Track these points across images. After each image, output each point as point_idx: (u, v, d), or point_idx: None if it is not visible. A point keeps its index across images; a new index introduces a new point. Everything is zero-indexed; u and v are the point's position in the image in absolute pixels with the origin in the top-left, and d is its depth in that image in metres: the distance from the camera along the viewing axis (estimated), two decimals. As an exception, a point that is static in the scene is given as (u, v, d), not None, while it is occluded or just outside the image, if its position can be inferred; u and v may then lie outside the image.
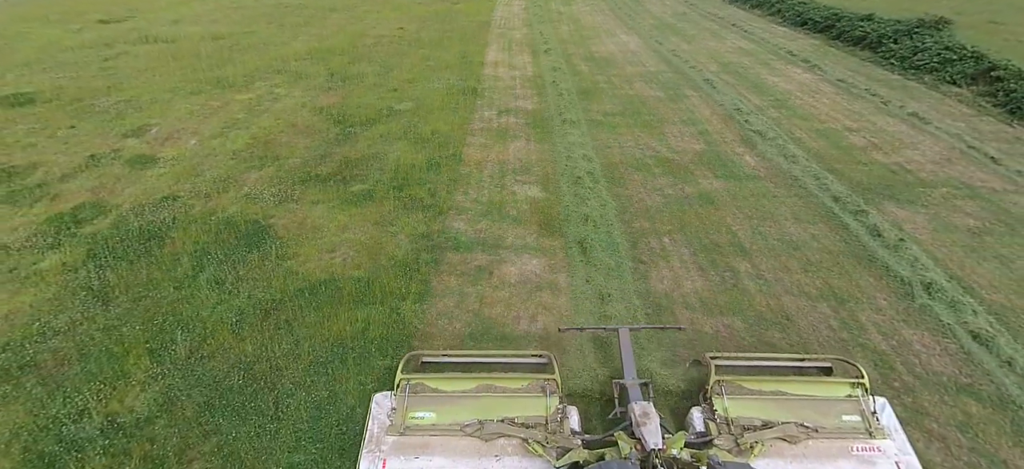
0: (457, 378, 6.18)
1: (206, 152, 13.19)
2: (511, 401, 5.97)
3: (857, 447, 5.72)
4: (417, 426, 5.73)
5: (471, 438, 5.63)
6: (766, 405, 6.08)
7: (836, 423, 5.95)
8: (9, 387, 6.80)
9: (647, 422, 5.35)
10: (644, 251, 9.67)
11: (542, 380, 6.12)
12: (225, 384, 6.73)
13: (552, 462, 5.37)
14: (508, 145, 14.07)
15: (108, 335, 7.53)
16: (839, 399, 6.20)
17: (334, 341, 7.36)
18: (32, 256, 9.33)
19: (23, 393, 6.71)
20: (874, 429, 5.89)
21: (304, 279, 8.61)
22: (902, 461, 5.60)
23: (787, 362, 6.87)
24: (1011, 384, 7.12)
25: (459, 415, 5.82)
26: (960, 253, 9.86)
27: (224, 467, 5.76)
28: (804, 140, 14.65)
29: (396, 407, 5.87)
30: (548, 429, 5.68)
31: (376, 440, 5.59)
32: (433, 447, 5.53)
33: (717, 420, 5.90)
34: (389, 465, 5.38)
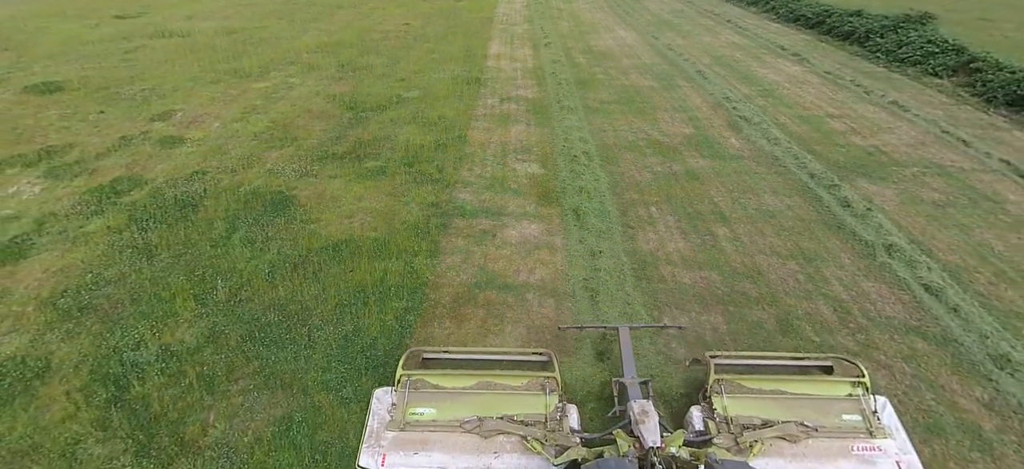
0: (457, 375, 6.22)
1: (229, 134, 14.18)
2: (511, 399, 6.00)
3: (857, 446, 5.73)
4: (417, 422, 5.78)
5: (470, 434, 5.67)
6: (766, 404, 6.09)
7: (836, 422, 5.96)
8: (71, 324, 7.78)
9: (646, 420, 5.38)
10: (632, 218, 10.64)
11: (542, 378, 6.15)
12: (263, 321, 7.71)
13: (550, 460, 5.42)
14: (510, 129, 15.04)
15: (155, 283, 8.51)
16: (839, 398, 6.20)
17: (356, 288, 8.33)
18: (78, 221, 10.32)
19: (84, 329, 7.69)
20: (875, 428, 5.89)
21: (326, 239, 9.59)
22: (903, 460, 5.61)
23: (787, 361, 6.85)
24: (955, 327, 8.06)
25: (459, 411, 5.87)
26: (923, 222, 10.81)
27: (267, 383, 6.74)
28: (787, 125, 15.60)
29: (396, 403, 5.93)
30: (547, 427, 5.73)
31: (376, 435, 5.66)
32: (432, 443, 5.58)
33: (716, 419, 5.90)
34: (389, 460, 5.44)
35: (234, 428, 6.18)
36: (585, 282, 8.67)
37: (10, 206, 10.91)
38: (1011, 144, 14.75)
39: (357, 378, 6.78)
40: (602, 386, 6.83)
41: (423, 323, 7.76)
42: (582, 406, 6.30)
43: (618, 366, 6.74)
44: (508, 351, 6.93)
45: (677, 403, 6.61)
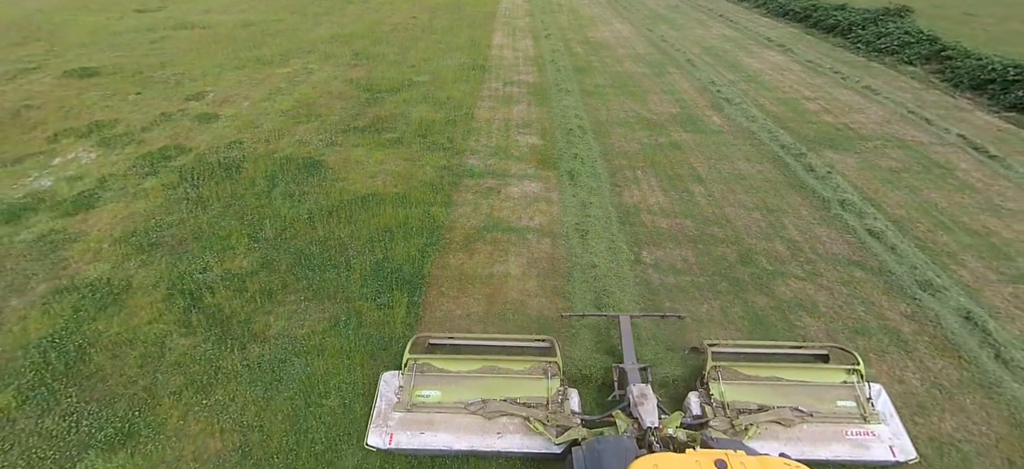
0: (462, 359, 6.43)
1: (259, 112, 15.67)
2: (514, 382, 6.20)
3: (851, 431, 5.91)
4: (423, 403, 6.01)
5: (474, 416, 5.88)
6: (761, 390, 6.25)
7: (831, 408, 6.13)
8: (144, 256, 9.25)
9: (644, 402, 5.56)
10: (620, 178, 12.11)
11: (544, 363, 6.35)
12: (307, 252, 9.19)
13: (552, 439, 5.64)
14: (512, 108, 16.51)
15: (211, 226, 10.00)
16: (834, 385, 6.37)
17: (383, 228, 9.81)
18: (135, 180, 11.81)
19: (156, 259, 9.17)
20: (869, 414, 6.08)
21: (354, 193, 11.07)
22: (896, 445, 5.82)
23: (784, 350, 7.01)
24: (891, 261, 9.52)
25: (463, 394, 6.08)
26: (877, 183, 12.26)
27: (315, 295, 8.22)
28: (766, 106, 17.06)
29: (403, 385, 6.18)
30: (549, 409, 5.93)
31: (383, 416, 5.93)
32: (438, 423, 5.82)
33: (713, 404, 6.07)
34: (396, 439, 5.69)
35: (292, 324, 7.66)
36: (577, 225, 10.16)
37: (72, 168, 12.40)
38: (970, 122, 16.20)
39: (389, 291, 8.26)
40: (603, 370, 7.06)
41: (440, 254, 9.25)
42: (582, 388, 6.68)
43: (619, 353, 6.88)
44: (512, 337, 7.04)
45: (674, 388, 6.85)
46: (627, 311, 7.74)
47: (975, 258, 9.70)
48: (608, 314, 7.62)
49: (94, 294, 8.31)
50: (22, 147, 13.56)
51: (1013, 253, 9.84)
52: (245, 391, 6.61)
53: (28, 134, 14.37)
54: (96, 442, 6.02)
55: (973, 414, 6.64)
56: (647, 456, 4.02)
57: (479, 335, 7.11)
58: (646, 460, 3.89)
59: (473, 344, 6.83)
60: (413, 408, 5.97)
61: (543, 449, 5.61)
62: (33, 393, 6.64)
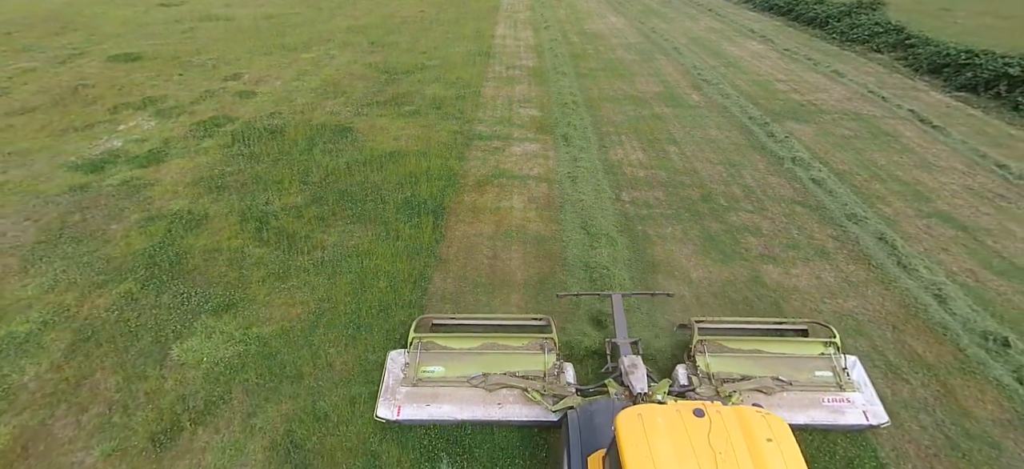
0: (464, 337, 6.77)
1: (291, 89, 17.72)
2: (513, 357, 6.55)
3: (828, 399, 6.31)
4: (428, 378, 6.36)
5: (476, 389, 6.23)
6: (745, 362, 6.64)
7: (809, 378, 6.55)
8: (214, 195, 11.28)
9: (635, 371, 5.92)
10: (607, 141, 14.17)
11: (541, 339, 6.71)
12: (348, 192, 11.24)
13: (549, 408, 6.01)
14: (514, 87, 18.57)
15: (266, 173, 12.04)
16: (813, 357, 6.79)
17: (409, 174, 11.87)
18: (194, 141, 13.86)
19: (225, 197, 11.20)
20: (844, 383, 6.50)
21: (382, 150, 13.12)
22: (869, 411, 6.26)
23: (766, 325, 7.42)
24: (827, 201, 11.55)
25: (466, 369, 6.41)
26: (828, 146, 14.31)
27: (359, 219, 10.27)
28: (740, 86, 19.11)
29: (409, 362, 6.50)
30: (546, 381, 6.30)
31: (391, 390, 6.25)
32: (442, 396, 6.17)
33: (699, 375, 6.46)
34: (403, 411, 6.04)
35: (344, 238, 9.72)
36: (568, 174, 12.21)
37: (136, 133, 14.44)
38: (922, 99, 18.25)
39: (417, 216, 10.31)
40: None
41: (457, 193, 11.30)
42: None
43: (611, 329, 7.31)
44: (510, 317, 7.34)
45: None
46: (617, 289, 8.35)
47: (900, 200, 11.74)
48: (601, 293, 8.07)
49: (180, 220, 10.35)
50: (87, 117, 15.60)
51: (933, 197, 11.89)
52: (313, 279, 8.67)
53: (89, 107, 16.41)
54: (205, 310, 8.07)
55: (871, 298, 8.68)
56: (633, 406, 4.39)
57: (480, 315, 7.47)
58: (631, 410, 4.24)
59: (474, 323, 7.18)
60: (419, 383, 6.34)
61: (541, 417, 6.04)
62: (148, 282, 8.68)
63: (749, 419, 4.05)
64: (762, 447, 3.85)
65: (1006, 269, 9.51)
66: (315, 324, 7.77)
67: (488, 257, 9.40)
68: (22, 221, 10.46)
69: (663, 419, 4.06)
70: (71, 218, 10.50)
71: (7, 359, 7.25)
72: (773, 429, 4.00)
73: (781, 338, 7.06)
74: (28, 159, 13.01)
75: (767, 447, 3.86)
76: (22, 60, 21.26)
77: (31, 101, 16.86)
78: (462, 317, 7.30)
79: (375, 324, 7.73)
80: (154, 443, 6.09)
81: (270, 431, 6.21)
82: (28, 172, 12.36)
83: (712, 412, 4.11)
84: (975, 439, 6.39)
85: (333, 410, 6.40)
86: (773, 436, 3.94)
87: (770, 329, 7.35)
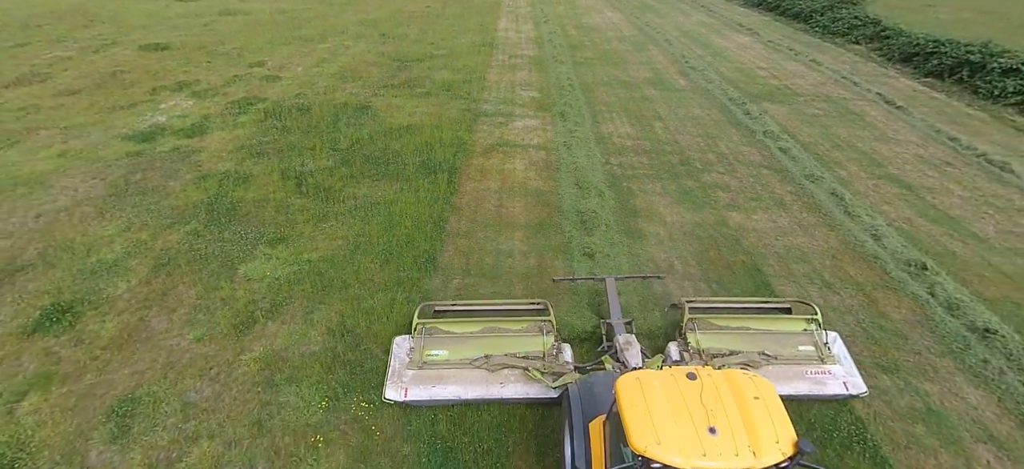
0: (466, 322, 7.02)
1: (312, 75, 19.37)
2: (513, 340, 6.83)
3: (810, 371, 6.66)
4: (433, 361, 6.62)
5: (479, 370, 6.52)
6: (733, 338, 6.98)
7: (793, 352, 6.91)
8: (255, 158, 12.92)
9: (629, 348, 6.27)
10: (599, 118, 15.83)
11: (540, 322, 6.98)
12: (372, 156, 12.88)
13: (549, 385, 6.30)
14: (516, 73, 20.22)
15: (299, 142, 13.68)
16: (796, 333, 7.17)
17: (424, 143, 13.51)
18: (230, 117, 15.50)
19: (264, 160, 12.83)
20: (825, 357, 6.88)
21: (400, 124, 14.77)
22: (849, 382, 6.67)
23: (752, 304, 7.75)
24: (790, 165, 13.17)
25: (468, 352, 6.69)
26: (797, 123, 15.95)
27: (383, 177, 11.90)
28: (724, 73, 20.76)
29: (414, 347, 6.77)
30: (545, 361, 6.58)
31: (398, 374, 6.52)
32: (447, 378, 6.46)
33: (690, 351, 6.78)
34: (411, 393, 6.31)
35: (372, 191, 11.36)
36: (564, 143, 13.87)
37: (177, 110, 16.08)
38: (891, 84, 19.88)
39: (434, 175, 11.95)
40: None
41: (467, 157, 12.95)
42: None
43: (606, 311, 7.63)
44: (510, 302, 7.54)
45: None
46: (610, 272, 8.75)
47: (856, 165, 13.38)
48: (596, 278, 8.45)
49: (228, 178, 11.99)
50: (129, 98, 17.24)
51: (886, 163, 13.52)
52: (349, 220, 10.32)
53: (129, 89, 18.06)
54: (261, 243, 9.71)
55: (817, 236, 10.32)
56: (631, 372, 4.63)
57: (480, 301, 7.70)
58: (630, 374, 4.53)
59: (474, 309, 7.42)
60: (424, 366, 6.64)
61: (542, 394, 6.38)
62: (210, 224, 10.32)
63: (737, 380, 4.36)
64: (750, 404, 4.14)
65: (938, 217, 11.15)
66: (354, 252, 9.41)
67: (495, 205, 11.05)
68: (90, 180, 12.10)
69: (658, 382, 4.34)
70: (133, 177, 12.15)
71: (102, 278, 8.90)
72: (759, 389, 4.30)
73: (766, 316, 7.46)
74: (84, 131, 14.65)
75: (754, 404, 4.15)
76: (57, 49, 22.91)
77: (74, 84, 18.50)
78: (463, 303, 7.57)
79: (404, 252, 9.38)
80: (235, 330, 7.74)
81: (326, 322, 7.85)
82: (87, 142, 14.00)
83: (703, 375, 4.38)
84: (887, 332, 8.02)
85: (376, 307, 8.04)
86: (759, 395, 4.23)
87: (756, 308, 7.69)
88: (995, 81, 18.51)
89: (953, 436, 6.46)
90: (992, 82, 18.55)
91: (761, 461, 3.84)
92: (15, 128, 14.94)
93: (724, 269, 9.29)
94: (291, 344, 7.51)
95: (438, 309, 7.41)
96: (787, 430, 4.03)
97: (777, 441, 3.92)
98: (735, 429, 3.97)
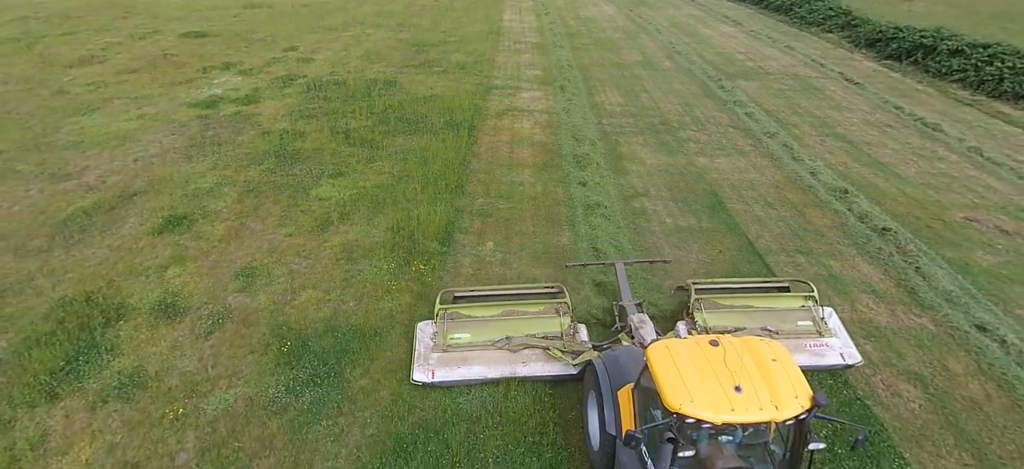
0: (485, 306, 7.33)
1: (341, 57, 21.93)
2: (532, 322, 7.14)
3: (810, 344, 7.03)
4: (456, 344, 6.92)
5: (501, 351, 6.81)
6: (737, 316, 7.33)
7: (792, 327, 7.31)
8: (306, 120, 15.42)
9: (643, 326, 6.59)
10: (594, 90, 18.41)
11: (556, 304, 7.28)
12: (403, 116, 15.44)
13: (570, 362, 6.62)
14: (521, 56, 22.79)
15: (340, 108, 16.22)
16: (795, 309, 7.58)
17: (445, 108, 16.07)
18: (277, 90, 18.03)
19: (314, 120, 15.34)
20: (823, 330, 7.31)
21: (423, 95, 17.33)
22: (845, 352, 7.14)
23: (753, 284, 8.26)
24: (753, 126, 15.71)
25: (490, 334, 7.00)
26: (765, 95, 18.50)
27: (415, 131, 14.45)
28: (706, 56, 23.33)
29: (437, 331, 7.07)
30: (564, 340, 6.92)
31: (424, 357, 6.86)
32: (471, 359, 6.76)
33: (698, 329, 7.11)
34: (438, 374, 6.65)
35: (407, 142, 13.91)
36: (564, 108, 16.43)
37: (230, 85, 18.60)
38: (854, 66, 22.43)
39: (455, 130, 14.50)
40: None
41: (482, 119, 15.50)
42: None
43: (618, 294, 8.07)
44: (526, 286, 7.90)
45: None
46: (619, 258, 9.09)
47: (809, 126, 15.92)
48: (605, 262, 8.91)
49: (287, 134, 14.52)
50: (183, 75, 19.77)
51: (835, 125, 16.05)
52: (391, 161, 12.86)
53: (181, 68, 20.59)
54: (325, 176, 12.24)
55: (766, 174, 12.85)
56: (659, 340, 4.87)
57: (497, 286, 8.06)
58: (659, 343, 4.85)
59: (493, 294, 7.75)
60: (449, 348, 6.98)
61: (563, 371, 6.77)
62: (280, 164, 12.83)
63: (756, 345, 4.72)
64: (769, 365, 4.49)
65: (869, 162, 13.68)
66: (399, 181, 11.96)
67: (507, 152, 13.60)
68: (170, 135, 14.64)
69: (685, 349, 4.70)
70: (206, 133, 14.69)
71: (203, 199, 11.43)
72: (776, 352, 4.68)
73: (767, 294, 7.93)
74: (152, 101, 17.20)
75: (773, 365, 4.49)
76: (105, 37, 25.44)
77: (131, 64, 21.05)
78: (481, 289, 7.97)
79: (438, 181, 11.93)
80: (317, 228, 10.28)
81: (385, 223, 10.40)
82: (158, 108, 16.54)
83: (725, 342, 4.72)
84: (809, 232, 10.55)
85: (421, 215, 10.57)
86: (776, 357, 4.60)
87: (756, 287, 8.19)
88: (943, 61, 21.07)
89: (845, 289, 9.00)
90: (941, 62, 21.11)
91: (782, 414, 4.20)
92: (92, 98, 17.49)
93: (688, 193, 11.85)
94: (361, 237, 10.05)
95: (458, 294, 7.79)
96: (804, 386, 4.41)
97: (796, 396, 4.30)
98: (758, 387, 4.34)
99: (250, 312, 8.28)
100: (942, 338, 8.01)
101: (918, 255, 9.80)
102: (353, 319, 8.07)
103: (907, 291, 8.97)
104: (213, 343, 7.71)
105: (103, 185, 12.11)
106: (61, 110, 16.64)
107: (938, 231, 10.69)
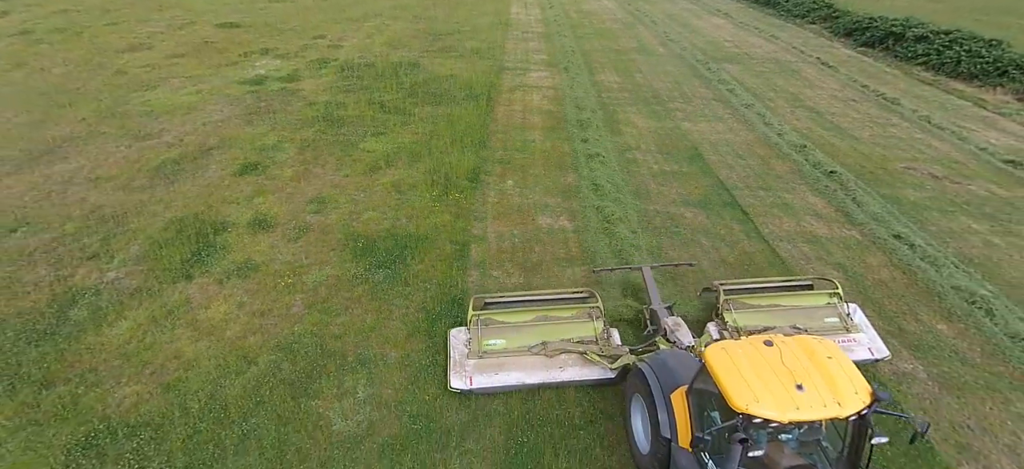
0: (518, 311, 7.31)
1: (366, 44, 24.27)
2: (565, 326, 7.18)
3: (838, 340, 6.97)
4: (491, 351, 6.92)
5: (538, 356, 6.84)
6: (765, 315, 7.41)
7: (820, 324, 7.41)
8: (345, 94, 17.75)
9: (679, 329, 6.72)
10: (594, 71, 20.77)
11: (589, 308, 7.33)
12: (428, 90, 17.77)
13: (608, 366, 6.69)
14: (529, 43, 25.14)
15: (371, 85, 18.55)
16: (821, 306, 7.70)
17: (465, 83, 18.41)
18: (313, 72, 20.37)
19: (353, 95, 17.66)
20: (850, 326, 7.42)
21: (444, 74, 19.66)
22: (873, 347, 7.28)
23: (778, 283, 8.28)
24: (734, 99, 18.03)
25: (525, 340, 7.01)
26: (746, 76, 20.81)
27: (440, 102, 16.78)
28: (696, 44, 25.66)
29: (471, 337, 7.07)
30: (599, 345, 6.93)
31: (460, 364, 6.85)
32: (508, 365, 6.78)
33: (729, 329, 7.15)
34: (475, 381, 6.65)
35: (434, 111, 16.24)
36: (568, 85, 18.77)
37: (271, 67, 20.93)
38: (831, 52, 24.73)
39: (475, 101, 16.83)
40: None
41: (497, 93, 17.83)
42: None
43: (646, 299, 8.15)
44: (557, 291, 7.87)
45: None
46: (643, 265, 8.90)
47: (782, 100, 18.23)
48: (632, 266, 9.03)
49: (330, 104, 16.84)
50: (226, 59, 22.10)
51: (805, 100, 18.36)
52: (423, 124, 15.19)
53: (223, 53, 22.92)
54: (368, 135, 14.57)
55: (740, 135, 15.16)
56: (715, 342, 5.02)
57: (528, 292, 8.01)
58: (716, 345, 4.95)
59: (524, 300, 7.69)
60: (484, 355, 6.91)
61: (601, 375, 6.74)
62: (328, 128, 15.14)
63: (809, 344, 4.73)
64: (825, 363, 4.54)
65: (830, 127, 15.98)
66: (431, 138, 14.29)
67: (520, 119, 15.93)
68: (228, 105, 16.97)
69: (742, 350, 4.69)
70: (259, 104, 17.01)
71: (269, 152, 13.74)
72: (829, 350, 4.70)
73: (792, 293, 8.00)
74: (204, 79, 19.53)
75: (829, 362, 4.54)
76: (146, 27, 27.78)
77: (177, 50, 23.38)
78: (512, 295, 7.92)
79: (464, 138, 14.25)
80: (368, 171, 12.61)
81: (423, 168, 12.73)
82: (211, 85, 18.88)
83: (779, 342, 4.69)
84: (770, 176, 12.86)
85: (452, 162, 12.89)
86: (831, 355, 4.63)
87: (781, 286, 8.21)
88: (910, 47, 23.39)
89: (794, 212, 11.32)
90: (908, 47, 23.42)
91: (845, 410, 4.25)
92: (150, 77, 19.83)
93: (673, 148, 14.18)
94: (405, 177, 12.38)
95: (489, 301, 7.75)
96: (862, 382, 4.44)
97: (856, 392, 4.34)
98: (818, 385, 4.37)
99: (326, 226, 10.61)
100: (865, 243, 10.34)
101: (857, 190, 12.12)
102: (408, 228, 10.41)
103: (843, 214, 11.30)
104: (301, 244, 10.04)
105: (181, 143, 14.44)
106: (124, 86, 18.97)
107: (879, 176, 13.00)
